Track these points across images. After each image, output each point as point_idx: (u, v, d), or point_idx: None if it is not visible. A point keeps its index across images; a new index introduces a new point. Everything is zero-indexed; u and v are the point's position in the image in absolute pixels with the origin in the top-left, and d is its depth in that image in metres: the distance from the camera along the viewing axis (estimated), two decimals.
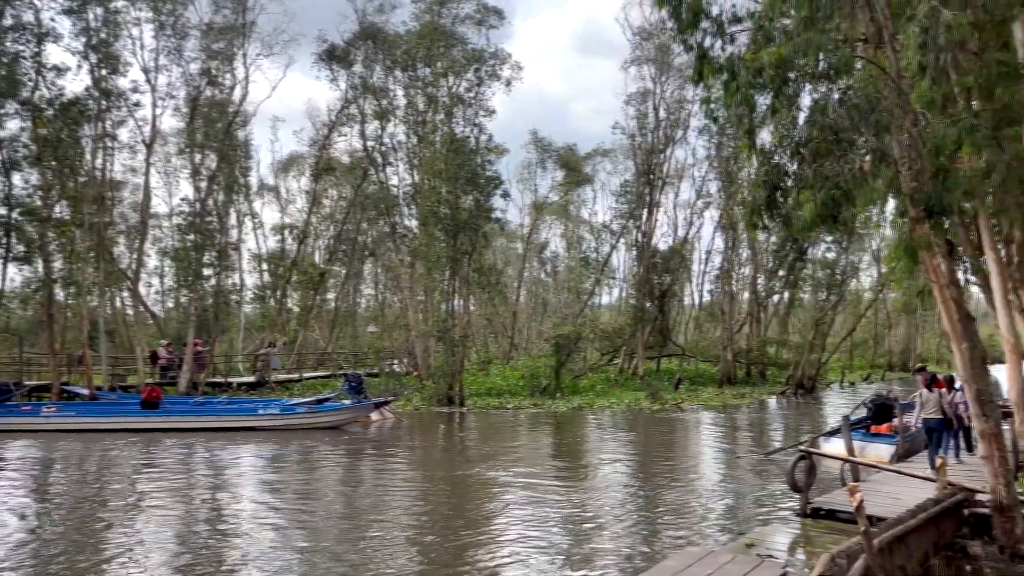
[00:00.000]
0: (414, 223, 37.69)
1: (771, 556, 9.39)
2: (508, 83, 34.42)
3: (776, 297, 44.41)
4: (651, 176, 39.92)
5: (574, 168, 49.54)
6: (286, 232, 46.13)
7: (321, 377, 35.84)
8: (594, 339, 40.98)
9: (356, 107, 38.49)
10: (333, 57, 37.13)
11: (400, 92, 37.49)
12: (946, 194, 8.62)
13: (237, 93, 34.11)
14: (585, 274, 47.02)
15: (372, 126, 38.61)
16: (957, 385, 13.88)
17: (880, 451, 15.48)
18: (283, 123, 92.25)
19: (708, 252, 46.47)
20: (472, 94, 33.65)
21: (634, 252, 43.91)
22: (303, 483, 15.57)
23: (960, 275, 16.69)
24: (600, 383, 36.20)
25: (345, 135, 40.77)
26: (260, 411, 23.68)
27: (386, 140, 38.70)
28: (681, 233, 46.04)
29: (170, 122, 64.36)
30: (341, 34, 37.41)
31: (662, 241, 44.09)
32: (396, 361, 39.76)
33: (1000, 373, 15.25)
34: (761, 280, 43.32)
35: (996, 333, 14.98)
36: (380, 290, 53.57)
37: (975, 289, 19.58)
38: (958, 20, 9.67)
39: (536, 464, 17.64)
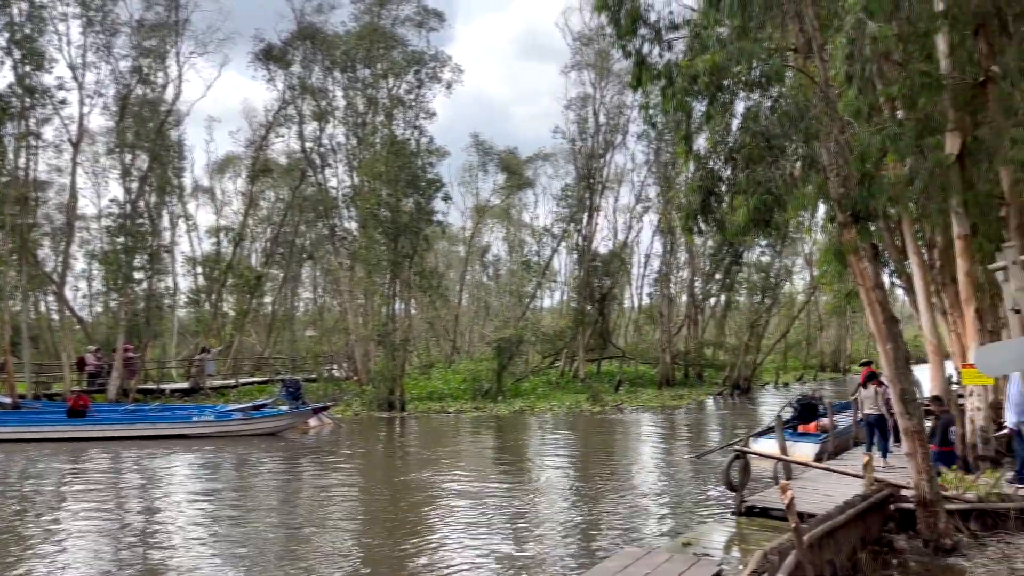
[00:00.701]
0: (354, 226, 37.30)
1: (707, 555, 9.55)
2: (449, 86, 34.37)
3: (713, 300, 45.37)
4: (591, 180, 40.35)
5: (515, 172, 49.75)
6: (222, 234, 45.08)
7: (258, 383, 35.11)
8: (536, 342, 41.16)
9: (294, 108, 37.88)
10: (270, 57, 36.47)
11: (339, 93, 37.06)
12: (871, 200, 8.91)
13: (170, 92, 33.29)
14: (527, 277, 47.20)
15: (311, 127, 38.10)
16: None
17: (805, 450, 15.85)
18: (218, 123, 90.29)
19: (647, 256, 47.32)
20: (412, 96, 33.49)
21: (575, 255, 44.34)
22: (239, 492, 15.22)
23: (886, 278, 17.35)
24: (542, 385, 36.38)
25: (283, 136, 40.15)
26: (194, 418, 23.07)
27: (325, 141, 38.25)
28: (621, 237, 46.70)
29: (98, 121, 62.64)
30: (278, 33, 36.78)
31: (602, 245, 44.64)
32: (335, 366, 39.24)
33: (923, 373, 15.82)
34: (698, 283, 44.17)
35: (921, 334, 15.55)
36: (319, 294, 52.84)
37: (901, 292, 20.36)
38: (883, 32, 10.02)
39: (478, 468, 17.60)
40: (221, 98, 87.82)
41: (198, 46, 36.53)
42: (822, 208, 15.50)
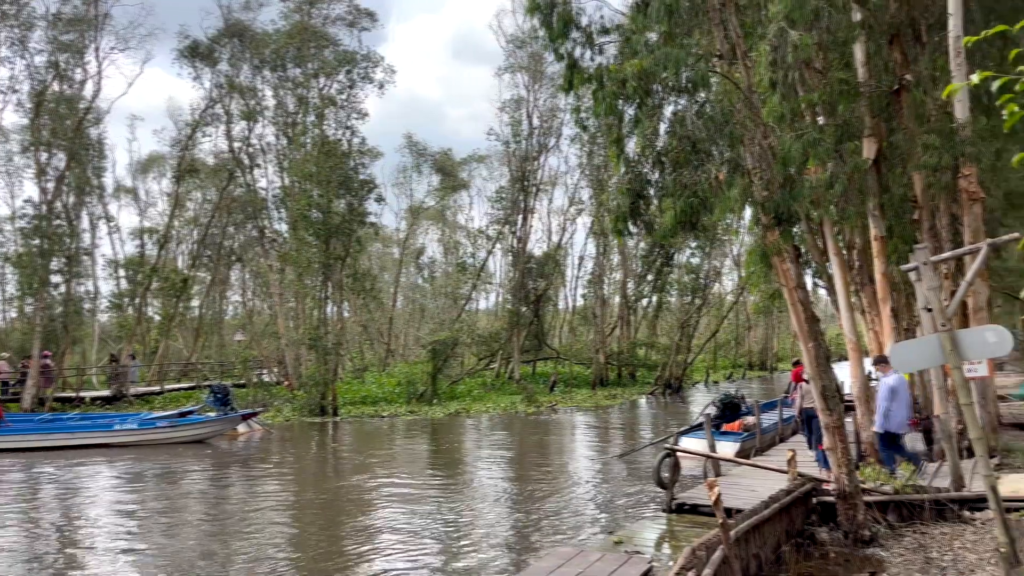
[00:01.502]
0: (284, 227, 36.64)
1: (638, 552, 9.68)
2: (381, 86, 34.04)
3: (645, 301, 46.15)
4: (526, 183, 40.54)
5: (450, 173, 49.64)
6: (146, 236, 43.68)
7: (184, 389, 34.11)
8: (471, 344, 41.13)
9: (222, 107, 36.98)
10: (196, 54, 35.54)
11: (269, 92, 36.40)
12: (793, 203, 9.17)
13: (89, 88, 32.05)
14: (462, 279, 47.11)
15: (239, 126, 37.32)
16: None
17: (726, 449, 16.20)
18: (142, 121, 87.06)
19: (581, 257, 47.82)
20: (344, 96, 33.05)
21: (510, 257, 44.45)
22: (163, 503, 14.71)
23: (809, 279, 17.94)
24: (477, 388, 36.35)
25: (210, 135, 39.24)
26: (116, 426, 22.21)
27: (254, 141, 37.50)
28: (555, 239, 47.09)
29: (12, 118, 59.87)
30: (205, 30, 36.05)
31: (537, 247, 44.94)
32: (266, 371, 38.40)
33: (844, 370, 16.39)
34: (631, 284, 44.87)
35: (843, 332, 16.10)
36: (248, 297, 51.64)
37: (824, 292, 21.03)
38: (804, 41, 10.34)
39: (412, 472, 17.45)
40: (144, 96, 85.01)
41: (119, 42, 35.53)
42: (749, 211, 15.96)
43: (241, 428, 23.83)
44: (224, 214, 40.09)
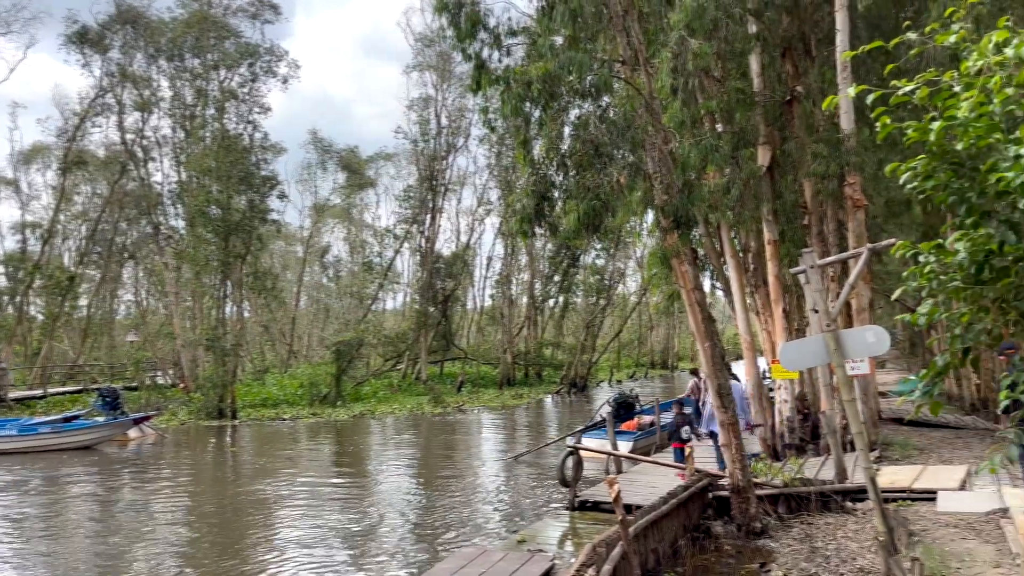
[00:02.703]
0: (181, 223, 35.21)
1: (541, 550, 9.75)
2: (285, 81, 33.23)
3: (552, 301, 46.70)
4: (434, 182, 40.33)
5: (356, 171, 48.85)
6: (28, 231, 41.11)
7: (71, 392, 32.40)
8: (377, 344, 40.58)
9: (113, 96, 35.24)
10: (85, 40, 33.70)
11: (165, 83, 34.90)
12: (692, 207, 9.46)
13: None
14: (368, 279, 46.43)
15: (132, 117, 35.65)
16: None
17: (621, 448, 16.53)
18: (25, 110, 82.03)
19: (489, 258, 47.94)
20: (246, 90, 32.08)
21: (418, 257, 44.13)
22: (47, 513, 13.86)
23: (707, 281, 18.56)
24: (383, 389, 35.92)
25: (100, 126, 37.24)
26: None
27: (149, 133, 35.96)
28: (464, 239, 47.06)
29: None
30: (95, 15, 34.26)
31: (445, 247, 44.78)
32: (160, 373, 36.82)
33: (740, 368, 17.02)
34: (538, 285, 45.32)
35: (739, 333, 16.72)
36: (142, 296, 49.36)
37: (722, 293, 21.78)
38: (703, 50, 10.69)
39: (314, 476, 17.06)
40: (28, 82, 79.86)
41: (0, 25, 33.18)
42: (651, 214, 16.38)
43: (132, 433, 22.75)
44: (116, 209, 38.26)
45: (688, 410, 14.03)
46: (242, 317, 34.76)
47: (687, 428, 13.16)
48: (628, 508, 8.58)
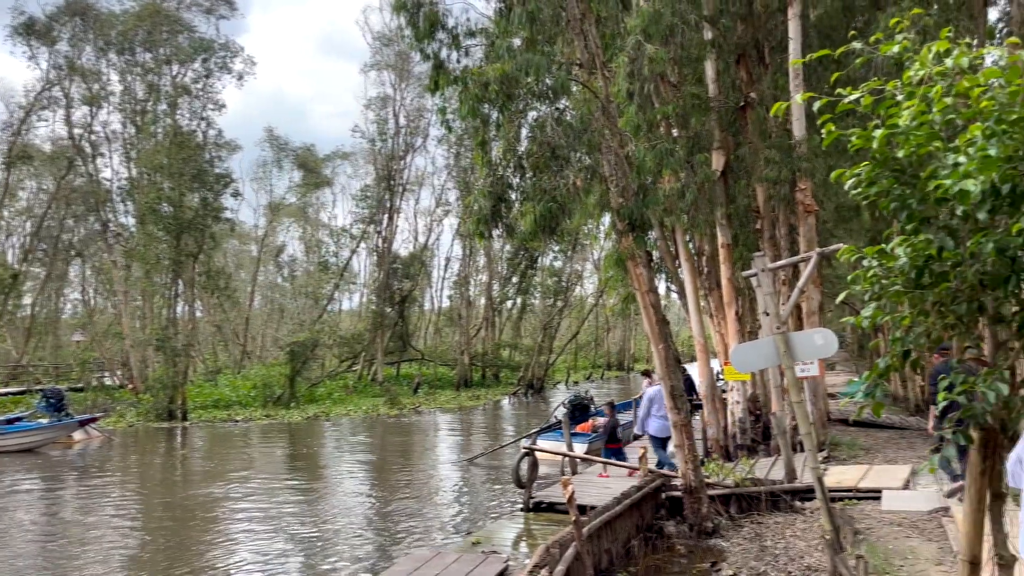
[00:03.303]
0: (131, 221, 34.42)
1: (496, 551, 9.75)
2: (241, 77, 32.75)
3: (510, 302, 46.74)
4: (392, 182, 40.08)
5: (313, 169, 48.31)
6: None
7: (13, 393, 31.40)
8: (333, 345, 40.17)
9: (61, 89, 34.33)
10: (32, 32, 32.76)
11: (115, 77, 34.11)
12: (647, 210, 9.55)
13: None
14: (324, 278, 45.95)
15: (80, 112, 34.74)
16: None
17: (576, 450, 16.61)
18: None
19: (447, 259, 47.85)
20: (200, 86, 31.50)
21: (374, 257, 43.80)
22: None
23: (662, 284, 18.76)
24: (338, 390, 35.56)
25: (47, 120, 36.24)
26: None
27: (98, 128, 35.03)
28: (421, 239, 46.87)
29: None
30: (43, 6, 33.24)
31: (403, 247, 44.56)
32: (107, 373, 35.91)
33: (693, 370, 17.21)
34: (496, 286, 45.32)
35: (692, 335, 16.92)
36: (89, 294, 48.08)
37: (677, 296, 22.03)
38: (659, 55, 10.82)
39: (267, 479, 16.81)
40: None
41: None
42: (608, 217, 16.49)
43: (77, 435, 22.15)
44: (62, 205, 37.26)
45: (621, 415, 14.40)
46: (194, 317, 34.11)
47: (620, 428, 13.56)
48: (582, 509, 8.63)
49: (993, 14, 17.05)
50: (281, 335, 48.42)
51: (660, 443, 12.85)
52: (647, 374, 17.27)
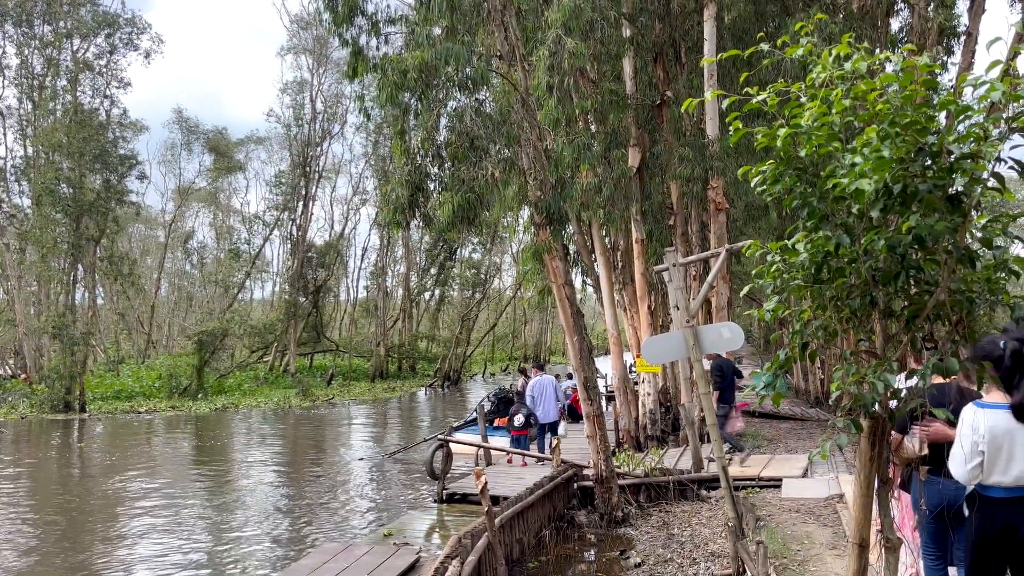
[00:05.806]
0: (26, 202, 32.56)
1: (407, 543, 9.68)
2: (148, 55, 31.54)
3: (428, 294, 46.49)
4: (307, 168, 39.25)
5: (225, 154, 46.83)
6: None
7: None
8: (243, 335, 39.06)
9: None
10: None
11: (11, 50, 32.15)
12: (564, 204, 9.64)
13: None
14: (235, 266, 44.62)
15: None
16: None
17: (500, 443, 16.71)
18: None
19: (364, 248, 47.26)
20: (103, 62, 30.04)
21: (289, 245, 42.82)
22: None
23: (578, 277, 18.99)
24: (248, 381, 34.67)
25: None
26: None
27: None
28: (338, 228, 46.06)
29: None
30: None
31: (318, 236, 43.67)
32: None
33: (606, 363, 17.51)
34: (414, 278, 44.98)
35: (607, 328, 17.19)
36: None
37: (592, 289, 22.35)
38: (579, 49, 10.91)
39: (171, 473, 16.22)
40: None
41: None
42: (526, 210, 16.57)
43: None
44: None
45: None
46: (95, 304, 32.59)
47: (520, 416, 13.98)
48: (495, 499, 8.67)
49: (896, 24, 17.88)
50: (189, 324, 46.81)
51: (549, 429, 14.27)
52: (524, 372, 18.30)
